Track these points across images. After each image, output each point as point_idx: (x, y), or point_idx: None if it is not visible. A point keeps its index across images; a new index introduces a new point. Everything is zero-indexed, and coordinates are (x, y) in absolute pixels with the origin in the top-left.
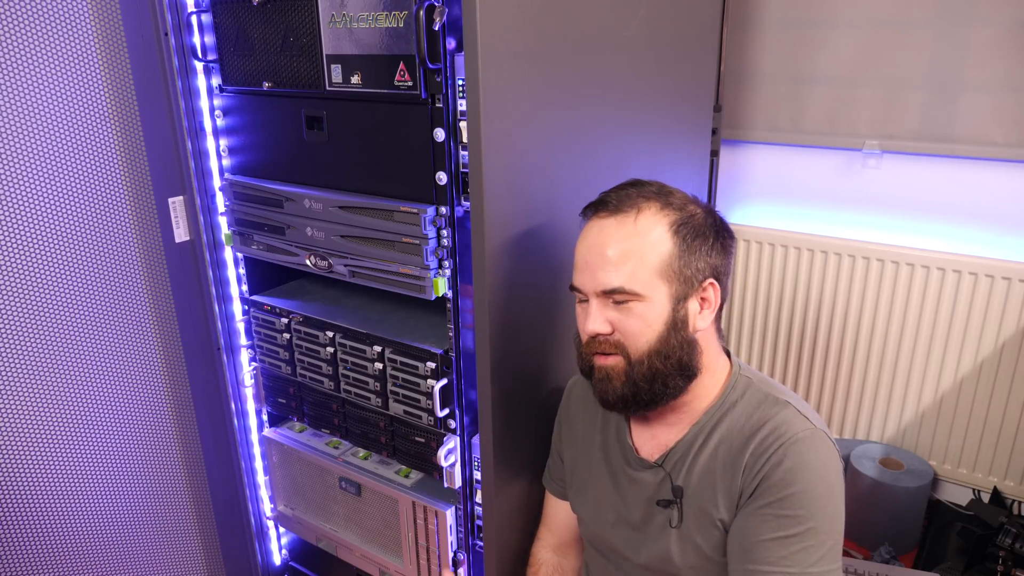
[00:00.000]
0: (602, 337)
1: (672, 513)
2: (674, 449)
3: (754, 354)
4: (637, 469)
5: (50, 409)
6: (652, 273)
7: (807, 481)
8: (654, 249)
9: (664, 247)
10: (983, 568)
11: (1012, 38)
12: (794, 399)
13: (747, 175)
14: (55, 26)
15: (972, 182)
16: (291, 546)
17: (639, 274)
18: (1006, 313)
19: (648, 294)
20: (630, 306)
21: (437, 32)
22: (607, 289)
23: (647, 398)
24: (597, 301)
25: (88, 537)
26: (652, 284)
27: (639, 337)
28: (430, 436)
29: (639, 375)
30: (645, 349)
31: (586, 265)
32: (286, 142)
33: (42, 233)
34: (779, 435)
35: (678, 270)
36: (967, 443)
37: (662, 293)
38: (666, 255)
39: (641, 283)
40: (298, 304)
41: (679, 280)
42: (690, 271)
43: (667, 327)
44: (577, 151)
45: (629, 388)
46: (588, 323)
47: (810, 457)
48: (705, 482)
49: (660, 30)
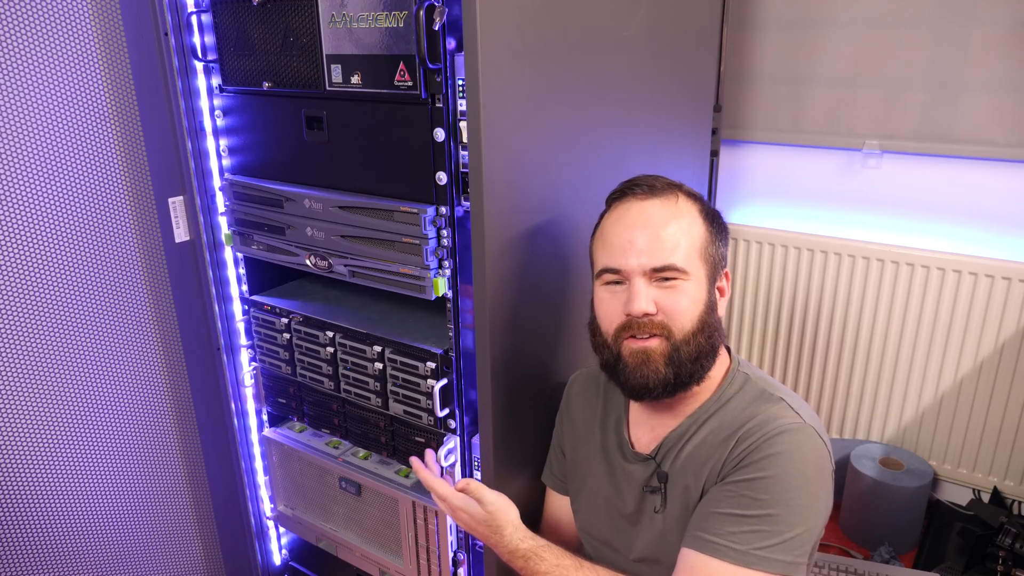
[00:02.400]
0: (647, 318)
1: (656, 498)
2: (666, 439)
3: (754, 354)
4: (631, 462)
5: (50, 409)
6: (696, 253)
7: (780, 469)
8: (696, 230)
9: (700, 229)
10: (983, 568)
11: (1012, 38)
12: (789, 396)
13: (747, 175)
14: (55, 26)
15: (972, 182)
16: (291, 546)
17: (688, 253)
18: (1006, 313)
19: (694, 273)
20: (677, 284)
21: (437, 32)
22: (659, 266)
23: (687, 379)
24: (642, 280)
25: (88, 537)
26: (696, 263)
27: (685, 315)
28: (430, 436)
29: (686, 354)
30: (691, 328)
31: (627, 244)
32: (286, 142)
33: (42, 233)
34: (763, 424)
35: (712, 254)
36: (967, 443)
37: (702, 273)
38: (703, 238)
39: (690, 261)
40: (298, 304)
41: (711, 263)
42: (717, 257)
43: (707, 307)
44: (577, 151)
45: (672, 369)
46: (635, 303)
47: (790, 448)
48: (690, 468)
49: (660, 30)
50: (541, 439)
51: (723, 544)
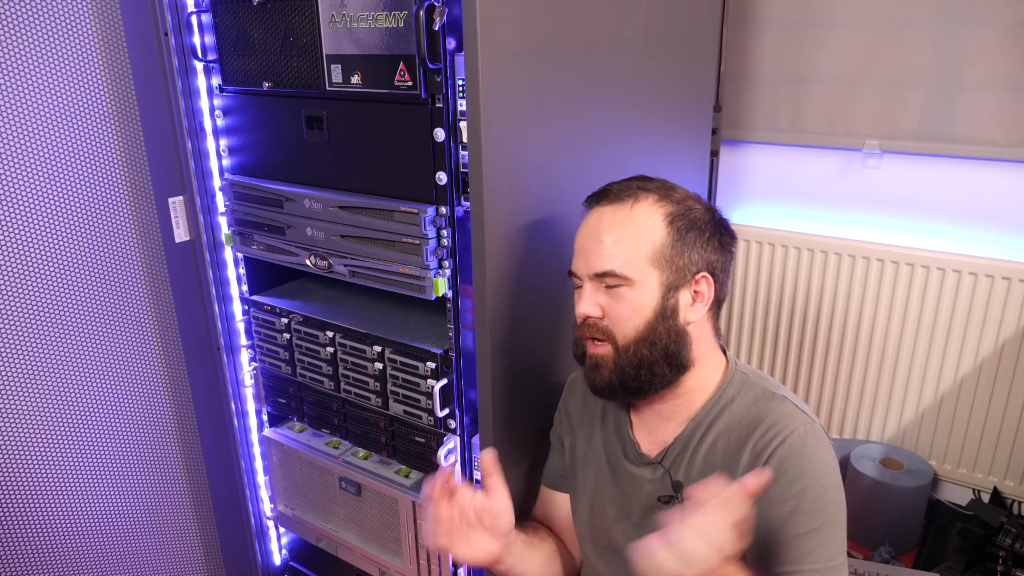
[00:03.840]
0: (592, 321)
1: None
2: (672, 445)
3: (754, 354)
4: (636, 464)
5: (50, 409)
6: (643, 259)
7: (815, 473)
8: (647, 236)
9: (657, 235)
10: (983, 568)
11: (1012, 38)
12: (789, 394)
13: (747, 175)
14: (55, 26)
15: (972, 182)
16: (291, 546)
17: (631, 259)
18: (1006, 313)
19: (638, 279)
20: (620, 291)
21: (437, 32)
22: (599, 272)
23: (634, 386)
24: (590, 285)
25: (88, 537)
26: (643, 270)
27: (627, 322)
28: (430, 436)
29: (626, 362)
30: (632, 335)
31: (582, 249)
32: (286, 142)
33: (42, 233)
34: (781, 428)
35: (670, 259)
36: (967, 443)
37: (653, 280)
38: (659, 243)
39: (632, 268)
40: (298, 304)
41: (671, 269)
42: (683, 261)
43: (655, 314)
44: (577, 151)
45: (617, 376)
46: (579, 305)
47: (816, 451)
48: (705, 476)
49: (660, 30)
50: (541, 438)
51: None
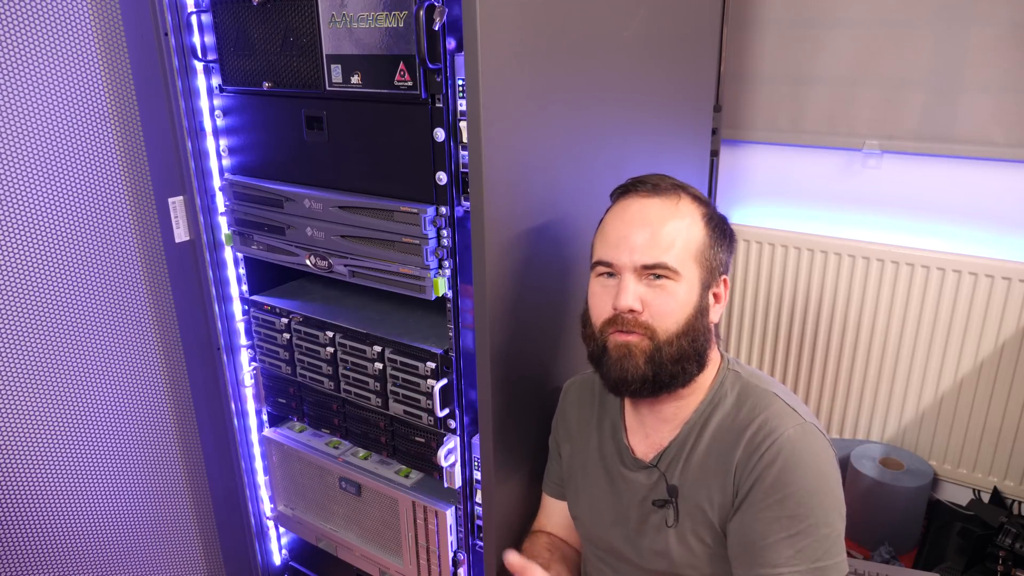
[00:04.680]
0: (632, 315)
1: (668, 513)
2: (668, 449)
3: (754, 354)
4: (632, 469)
5: (50, 409)
6: (691, 255)
7: (803, 478)
8: (694, 234)
9: (700, 234)
10: (983, 568)
11: (1012, 38)
12: (781, 390)
13: (747, 175)
14: (55, 26)
15: (972, 182)
16: (291, 546)
17: (682, 254)
18: (1006, 313)
19: (686, 274)
20: (666, 284)
21: (437, 32)
22: (650, 263)
23: (667, 380)
24: (632, 276)
25: (88, 537)
26: (690, 266)
27: (670, 316)
28: (430, 436)
29: (667, 355)
30: (675, 329)
31: (622, 239)
32: (286, 142)
33: (42, 233)
34: (769, 431)
35: (708, 259)
36: (967, 443)
37: (695, 276)
38: (701, 242)
39: (682, 262)
40: (298, 304)
41: (707, 268)
42: (715, 262)
43: (695, 311)
44: (577, 151)
45: (652, 368)
46: (621, 297)
47: (803, 454)
48: (700, 480)
49: (660, 30)
50: (541, 438)
51: (787, 571)
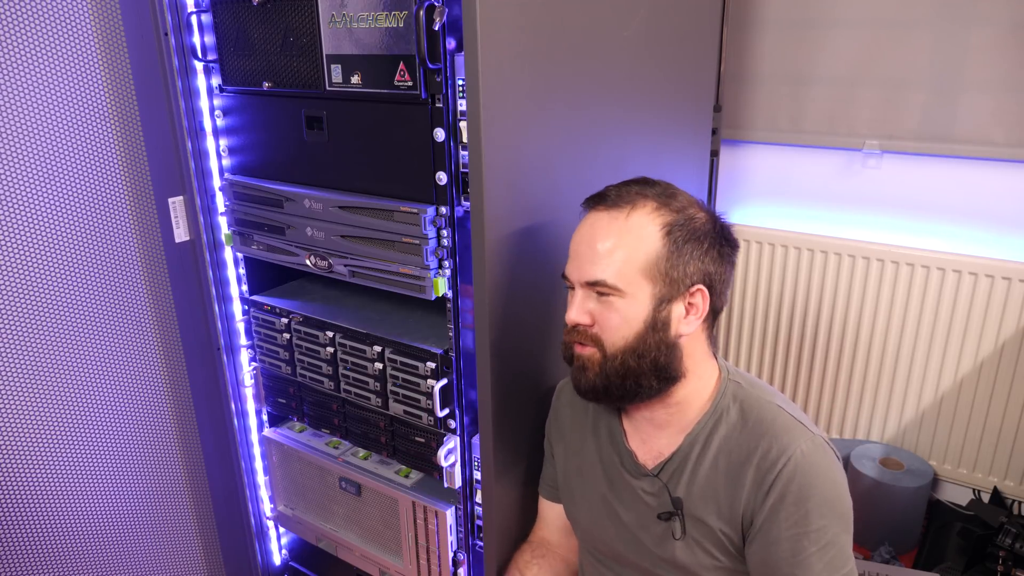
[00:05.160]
0: (581, 327)
1: (674, 525)
2: (671, 460)
3: (754, 354)
4: (635, 476)
5: (50, 409)
6: (636, 270)
7: (821, 490)
8: (641, 247)
9: (652, 246)
10: (983, 568)
11: (1012, 38)
12: (783, 401)
13: (747, 175)
14: (55, 26)
15: (972, 182)
16: (291, 546)
17: (623, 270)
18: (1006, 313)
19: (630, 291)
20: (611, 300)
21: (437, 32)
22: (590, 281)
23: (618, 393)
24: (581, 292)
25: (88, 537)
26: (635, 281)
27: (616, 332)
28: (430, 436)
29: (611, 370)
30: (621, 345)
31: (575, 255)
32: (286, 142)
33: (42, 233)
34: (782, 448)
35: (664, 271)
36: (967, 443)
37: (645, 292)
38: (653, 254)
39: (624, 279)
40: (298, 304)
41: (664, 281)
42: (677, 274)
43: (646, 326)
44: (577, 151)
45: (601, 380)
46: (569, 312)
47: (818, 467)
48: (707, 494)
49: (660, 30)
50: (541, 439)
51: None
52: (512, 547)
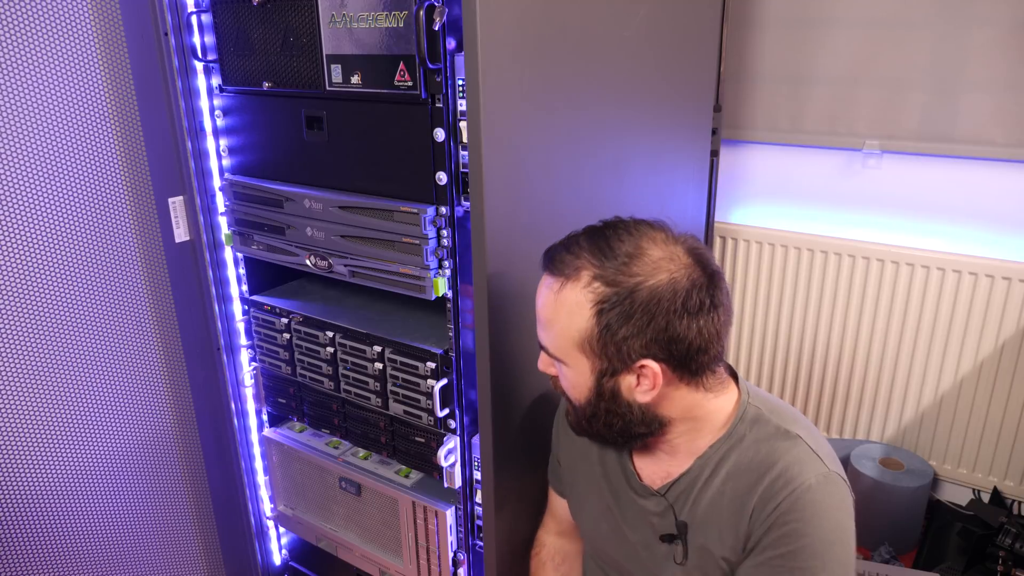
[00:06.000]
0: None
1: (676, 549)
2: (678, 481)
3: (754, 354)
4: (640, 495)
5: (50, 409)
6: (569, 344)
7: (818, 529)
8: (572, 323)
9: (581, 324)
10: (983, 568)
11: (1012, 38)
12: (805, 431)
13: (747, 175)
14: (55, 26)
15: (972, 182)
16: (291, 546)
17: (557, 342)
18: (1006, 313)
19: (569, 362)
20: (559, 365)
21: (437, 32)
22: (540, 343)
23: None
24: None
25: (88, 537)
26: (571, 354)
27: (570, 392)
28: (430, 436)
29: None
30: (581, 403)
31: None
32: (286, 142)
33: (42, 233)
34: (789, 479)
35: (598, 348)
36: (967, 443)
37: (583, 364)
38: (583, 331)
39: (560, 351)
40: (298, 304)
41: (601, 356)
42: (613, 350)
43: (593, 394)
44: (577, 151)
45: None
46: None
47: (821, 506)
48: (711, 520)
49: (660, 30)
50: (541, 438)
51: None
52: (512, 547)
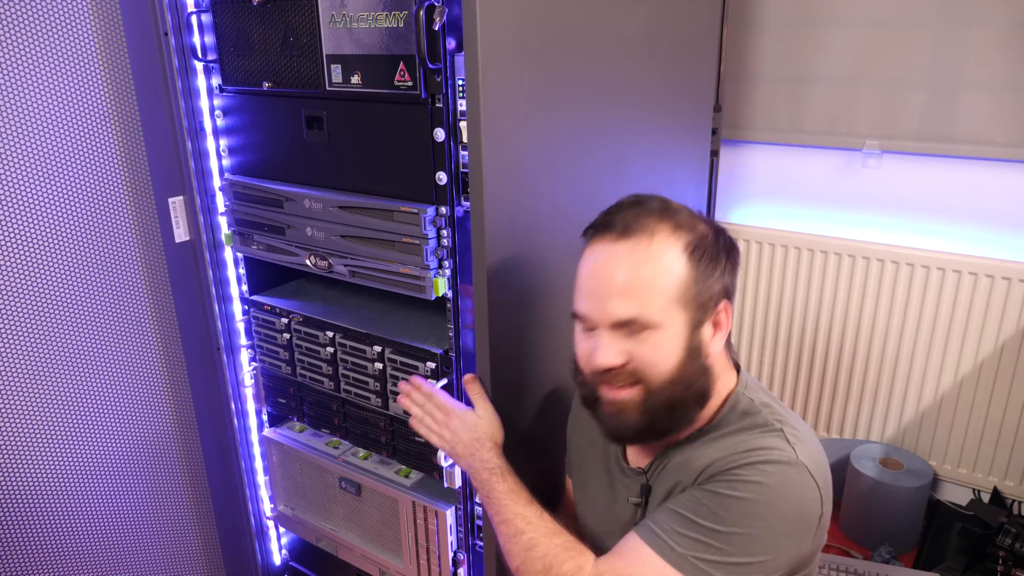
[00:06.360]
0: (616, 370)
1: (637, 514)
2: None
3: (754, 354)
4: (627, 475)
5: (50, 409)
6: (671, 301)
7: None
8: (669, 275)
9: (680, 272)
10: (983, 568)
11: (1012, 38)
12: (789, 425)
13: (747, 175)
14: (55, 26)
15: (972, 182)
16: (291, 546)
17: (655, 303)
18: (1006, 313)
19: (668, 322)
20: (645, 336)
21: (437, 32)
22: (625, 319)
23: (664, 427)
24: (608, 332)
25: (88, 537)
26: (671, 312)
27: (657, 367)
28: None
29: (657, 405)
30: (666, 377)
31: (594, 293)
32: (286, 142)
33: (42, 233)
34: (754, 450)
35: (696, 295)
36: (967, 443)
37: (680, 321)
38: (684, 281)
39: (658, 312)
40: (298, 304)
41: (696, 306)
42: (706, 295)
43: (686, 354)
44: (577, 151)
45: (646, 420)
46: (598, 357)
47: (774, 480)
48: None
49: (660, 30)
50: (541, 438)
51: (665, 540)
52: None
